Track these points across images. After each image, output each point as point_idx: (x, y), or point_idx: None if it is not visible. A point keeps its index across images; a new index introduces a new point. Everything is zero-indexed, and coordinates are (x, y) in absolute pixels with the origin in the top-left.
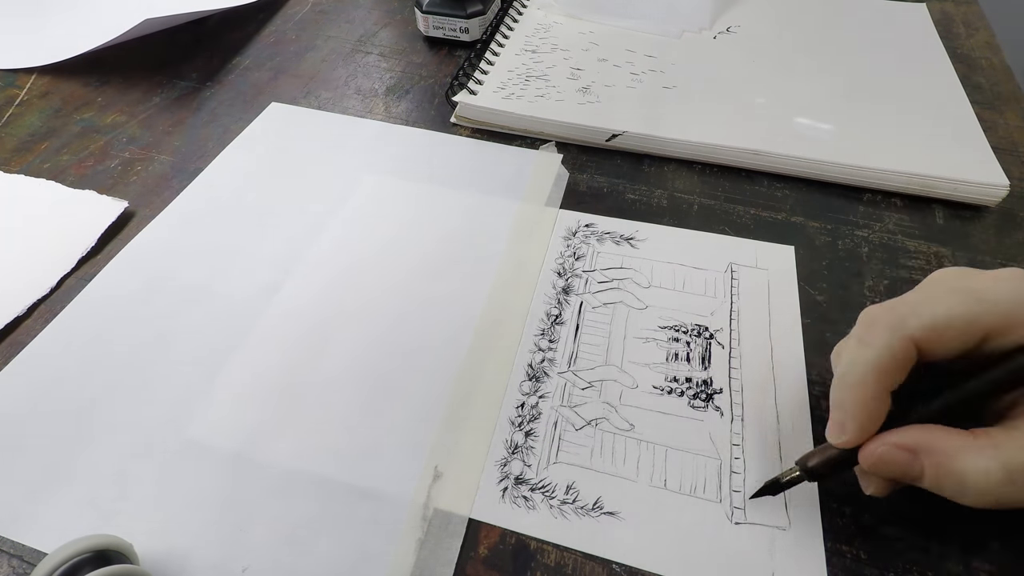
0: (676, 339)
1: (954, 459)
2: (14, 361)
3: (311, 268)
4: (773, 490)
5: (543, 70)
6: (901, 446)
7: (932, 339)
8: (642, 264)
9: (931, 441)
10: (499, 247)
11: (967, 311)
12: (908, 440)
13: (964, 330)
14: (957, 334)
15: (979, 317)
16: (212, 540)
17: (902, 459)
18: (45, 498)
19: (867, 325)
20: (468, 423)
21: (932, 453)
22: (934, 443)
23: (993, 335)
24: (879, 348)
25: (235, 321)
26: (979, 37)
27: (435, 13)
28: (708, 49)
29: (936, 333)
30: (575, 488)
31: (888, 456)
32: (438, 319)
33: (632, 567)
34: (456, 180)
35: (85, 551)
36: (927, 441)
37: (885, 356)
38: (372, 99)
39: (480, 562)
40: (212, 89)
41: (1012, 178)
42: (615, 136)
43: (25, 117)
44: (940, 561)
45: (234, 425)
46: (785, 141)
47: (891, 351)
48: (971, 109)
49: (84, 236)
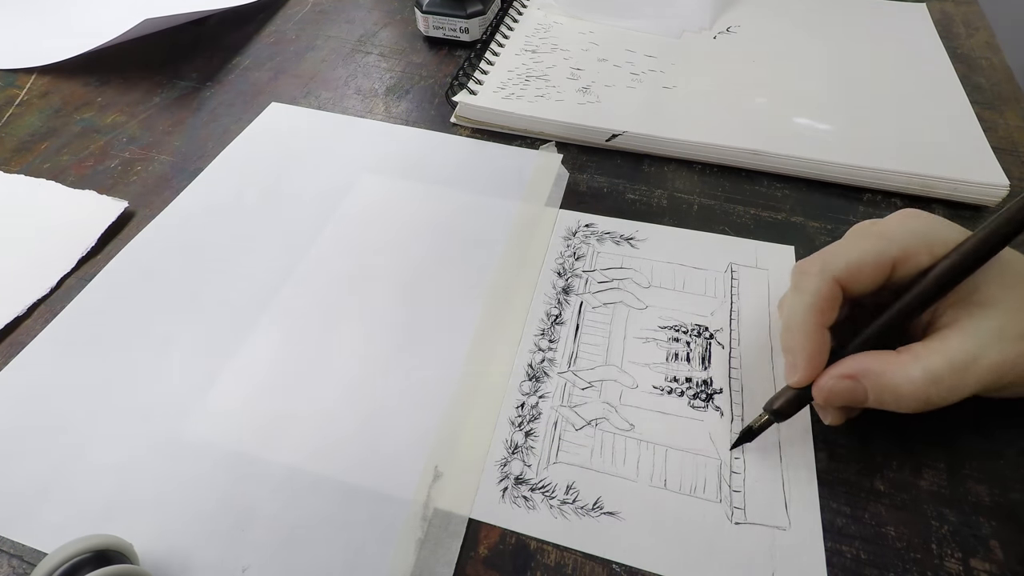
0: (676, 339)
1: (886, 375)
2: (14, 361)
3: (311, 268)
4: (748, 437)
5: (543, 70)
6: (844, 375)
7: (852, 277)
8: (642, 264)
9: (866, 365)
10: (499, 247)
11: (874, 247)
12: (847, 369)
13: (875, 264)
14: (871, 269)
15: (884, 252)
16: (212, 540)
17: (847, 386)
18: (45, 498)
19: (798, 275)
20: (468, 423)
21: (869, 375)
22: (869, 366)
23: (899, 264)
24: (811, 292)
25: (235, 321)
26: (979, 37)
27: (435, 13)
28: (708, 49)
29: (854, 271)
30: (575, 488)
31: (836, 387)
32: (437, 319)
33: (632, 567)
34: (456, 180)
35: (85, 551)
36: (863, 366)
37: (816, 298)
38: (372, 99)
39: (480, 562)
40: (212, 89)
41: (1012, 178)
42: (615, 136)
43: (25, 117)
44: (940, 561)
45: (234, 425)
46: (785, 141)
47: (820, 293)
48: (971, 109)
49: (84, 236)
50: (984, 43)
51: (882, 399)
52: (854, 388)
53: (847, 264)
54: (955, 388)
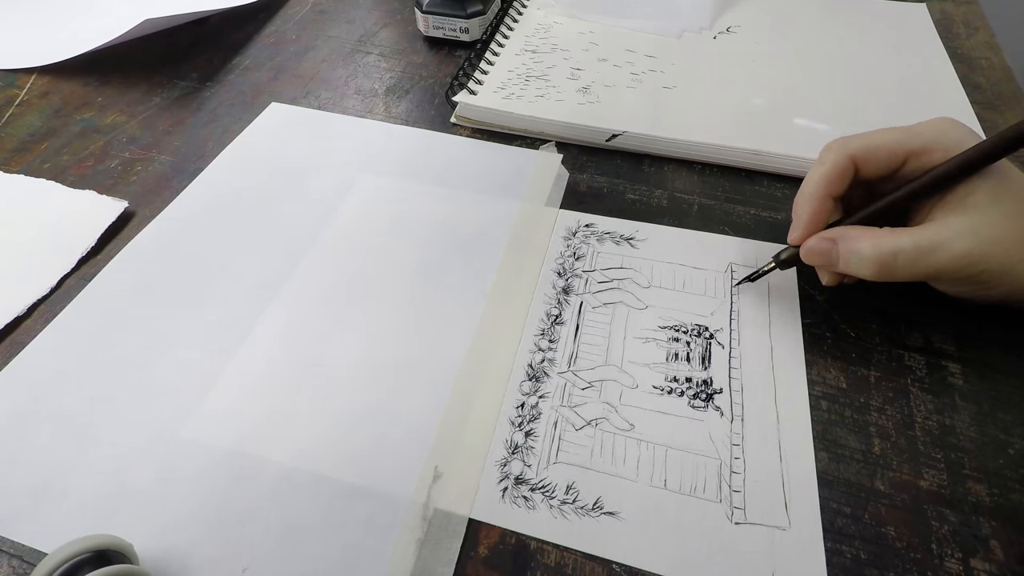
0: (676, 339)
1: (857, 242)
2: (14, 361)
3: (311, 268)
4: (752, 278)
5: (543, 70)
6: (824, 237)
7: (866, 157)
8: (642, 264)
9: (845, 231)
10: (499, 247)
11: (895, 138)
12: (831, 233)
13: (891, 151)
14: (885, 153)
15: (903, 142)
16: (212, 540)
17: (824, 247)
18: (45, 498)
19: (824, 151)
20: (468, 423)
21: (844, 239)
22: (847, 232)
23: (912, 158)
24: (827, 164)
25: (235, 321)
26: (979, 37)
27: (435, 13)
28: (708, 49)
29: (870, 152)
30: (575, 488)
31: (815, 246)
32: (438, 319)
33: (632, 567)
34: (456, 180)
35: (85, 551)
36: (842, 232)
37: (830, 169)
38: (372, 99)
39: (480, 562)
40: (212, 89)
41: None
42: (615, 136)
43: (25, 117)
44: (940, 561)
45: (234, 425)
46: (785, 141)
47: (835, 164)
48: (971, 109)
49: (84, 236)
50: (984, 43)
51: (848, 262)
52: (829, 249)
53: (864, 146)
54: (912, 264)
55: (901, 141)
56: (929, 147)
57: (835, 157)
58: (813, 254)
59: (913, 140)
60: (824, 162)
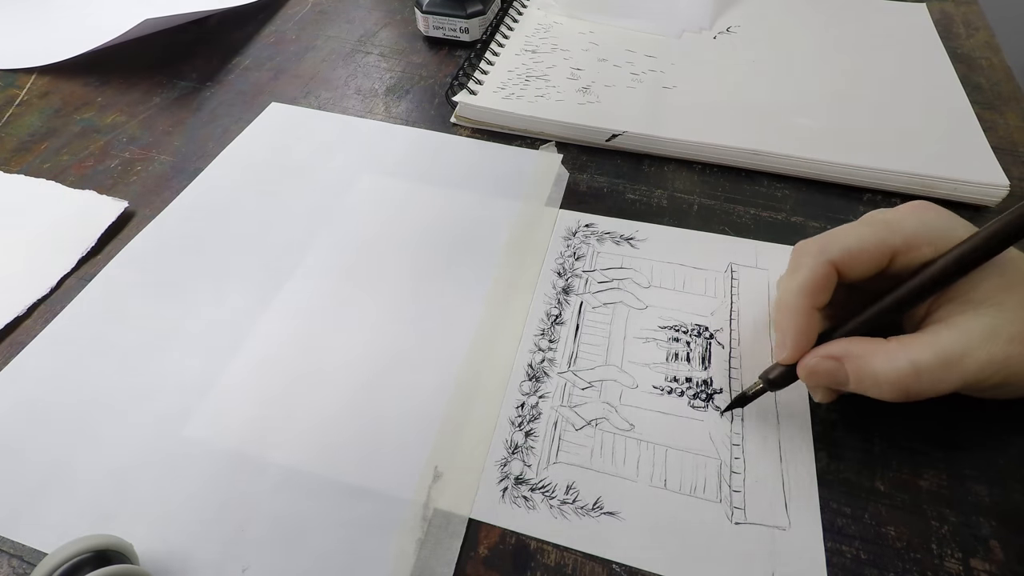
0: (676, 339)
1: (869, 360)
2: (14, 361)
3: (311, 268)
4: (742, 402)
5: (543, 70)
6: (828, 356)
7: (849, 261)
8: (642, 264)
9: (851, 348)
10: (499, 247)
11: (876, 235)
12: (833, 350)
13: (875, 252)
14: (869, 256)
15: (885, 241)
16: (212, 540)
17: (829, 367)
18: (45, 498)
19: (797, 254)
20: (468, 423)
21: (852, 358)
22: (853, 350)
23: (899, 255)
24: (805, 273)
25: (235, 320)
26: (979, 37)
27: (435, 13)
28: (708, 49)
29: (852, 256)
30: (575, 488)
31: (819, 367)
32: (438, 319)
33: (632, 567)
34: (456, 180)
35: (85, 551)
36: (847, 349)
37: (810, 279)
38: (372, 99)
39: (480, 562)
40: (212, 89)
41: (1012, 178)
42: (615, 136)
43: (25, 117)
44: (940, 561)
45: (234, 425)
46: (785, 141)
47: (815, 274)
48: (971, 109)
49: (84, 236)
50: (984, 43)
51: (862, 384)
52: (836, 369)
53: (845, 249)
54: (937, 382)
55: (884, 239)
56: (915, 242)
57: (814, 264)
58: (817, 376)
59: (895, 237)
60: (802, 269)
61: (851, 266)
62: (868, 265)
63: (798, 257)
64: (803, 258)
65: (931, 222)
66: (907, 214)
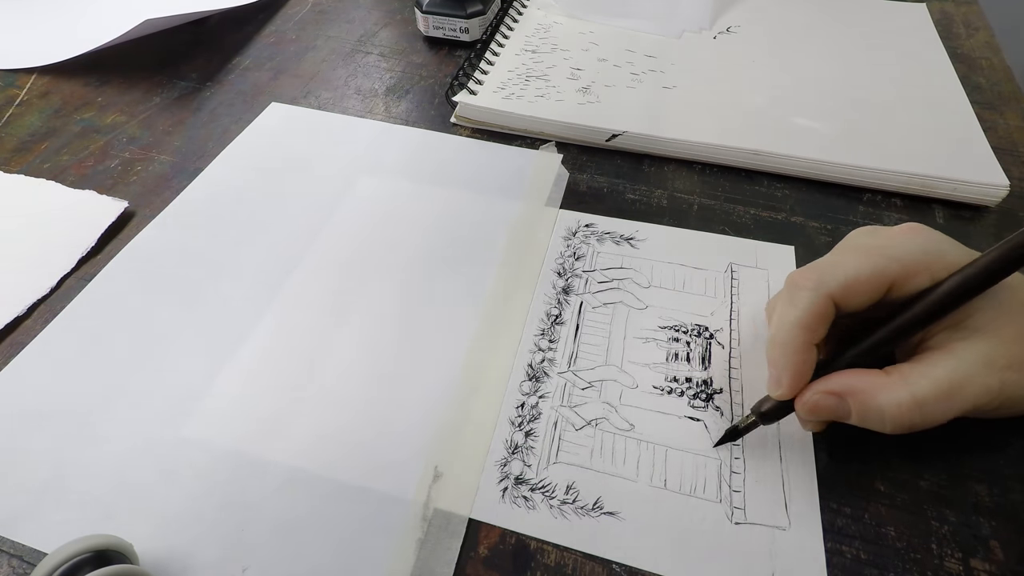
0: (676, 339)
1: (873, 396)
2: (14, 361)
3: (311, 268)
4: (733, 436)
5: (543, 70)
6: (829, 392)
7: (847, 294)
8: (642, 264)
9: (852, 384)
10: (499, 247)
11: (874, 266)
12: (834, 386)
13: (873, 283)
14: (867, 287)
15: (884, 270)
16: (212, 540)
17: (831, 403)
18: (45, 498)
19: (792, 287)
20: (468, 423)
21: (854, 393)
22: (855, 385)
23: (898, 284)
24: (803, 307)
25: (235, 321)
26: (979, 37)
27: (435, 13)
28: (708, 49)
29: (850, 288)
30: (575, 488)
31: (820, 403)
32: (438, 319)
33: (632, 567)
34: (456, 180)
35: (85, 551)
36: (849, 384)
37: (808, 314)
38: (372, 99)
39: (480, 562)
40: (212, 89)
41: (1012, 178)
42: (615, 136)
43: (25, 117)
44: (940, 561)
45: (234, 425)
46: (785, 141)
47: (812, 309)
48: (971, 109)
49: (84, 236)
50: (984, 43)
51: (865, 419)
52: (838, 406)
53: (844, 281)
54: (939, 413)
55: (882, 269)
56: (911, 270)
57: (811, 300)
58: (819, 412)
59: (893, 265)
60: (797, 305)
61: (849, 298)
62: (866, 296)
63: (794, 290)
64: (799, 292)
65: (927, 247)
66: (902, 240)
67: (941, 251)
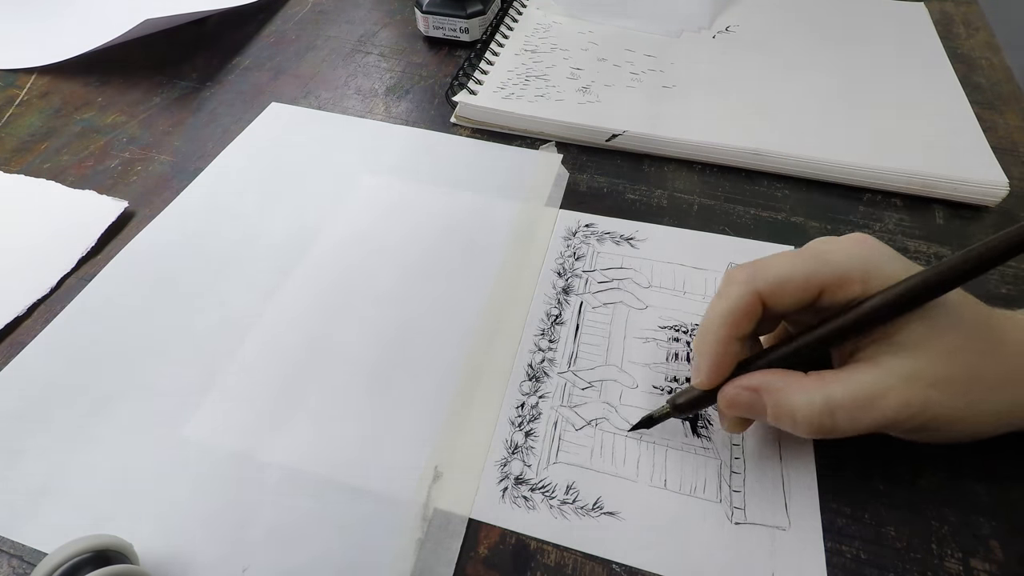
0: (676, 339)
1: (787, 394)
2: (14, 361)
3: (311, 268)
4: (648, 424)
5: (543, 70)
6: (747, 387)
7: (775, 293)
8: (642, 264)
9: (770, 381)
10: (499, 247)
11: (806, 268)
12: (752, 381)
13: (803, 285)
14: (796, 289)
15: (815, 274)
16: (212, 540)
17: (748, 398)
18: (45, 498)
19: (726, 280)
20: (468, 423)
21: (770, 391)
22: (772, 383)
23: (828, 291)
24: (730, 301)
25: (235, 321)
26: (979, 37)
27: (435, 13)
28: (708, 49)
29: (780, 288)
30: (575, 488)
31: (737, 397)
32: (438, 319)
33: (632, 567)
34: (456, 180)
35: (85, 551)
36: (767, 381)
37: (733, 308)
38: (372, 99)
39: (480, 562)
40: (212, 89)
41: (1012, 178)
42: (615, 136)
43: (25, 117)
44: (940, 561)
45: (234, 425)
46: (785, 141)
47: (739, 303)
48: (971, 109)
49: (84, 236)
50: (984, 43)
51: (779, 417)
52: (754, 401)
53: (773, 280)
54: (854, 421)
55: (813, 272)
56: (846, 278)
57: (739, 293)
58: (735, 406)
59: (825, 270)
60: (727, 297)
61: (778, 297)
62: (795, 298)
63: (726, 284)
64: (731, 285)
65: (867, 258)
66: (844, 248)
67: (879, 264)
